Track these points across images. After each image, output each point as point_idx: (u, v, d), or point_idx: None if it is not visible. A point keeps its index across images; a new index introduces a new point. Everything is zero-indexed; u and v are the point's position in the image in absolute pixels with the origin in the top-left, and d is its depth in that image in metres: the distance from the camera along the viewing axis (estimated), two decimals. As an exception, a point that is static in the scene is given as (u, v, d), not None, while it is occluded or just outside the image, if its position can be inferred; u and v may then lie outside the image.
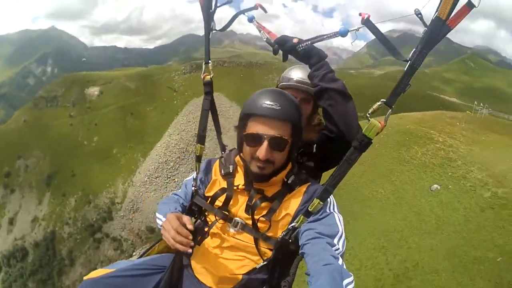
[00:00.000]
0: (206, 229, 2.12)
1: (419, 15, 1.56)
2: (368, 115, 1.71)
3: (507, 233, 14.67)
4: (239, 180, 2.07)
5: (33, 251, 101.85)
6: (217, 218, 2.05)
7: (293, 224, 1.87)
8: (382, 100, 1.66)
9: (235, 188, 2.04)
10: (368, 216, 22.00)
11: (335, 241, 1.71)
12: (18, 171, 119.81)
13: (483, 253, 13.90)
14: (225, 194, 2.05)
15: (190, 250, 1.77)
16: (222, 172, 2.13)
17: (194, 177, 2.28)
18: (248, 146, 1.91)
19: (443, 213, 19.05)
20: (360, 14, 1.76)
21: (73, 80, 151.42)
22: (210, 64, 2.54)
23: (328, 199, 1.87)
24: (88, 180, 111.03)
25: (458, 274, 13.35)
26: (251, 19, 2.41)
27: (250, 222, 1.96)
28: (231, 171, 2.10)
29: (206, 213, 2.20)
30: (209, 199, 2.13)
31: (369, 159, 28.71)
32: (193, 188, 2.21)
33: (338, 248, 1.68)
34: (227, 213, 2.03)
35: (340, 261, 1.59)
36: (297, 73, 2.53)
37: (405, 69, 1.58)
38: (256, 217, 1.93)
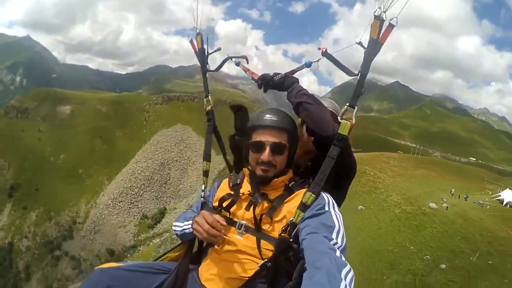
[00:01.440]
0: None
1: (359, 43, 2.02)
2: (339, 118, 2.12)
3: (404, 234, 25.49)
4: (245, 189, 2.26)
5: None
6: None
7: (291, 219, 1.97)
8: (346, 104, 2.12)
9: (240, 195, 2.24)
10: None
11: (333, 235, 1.79)
12: None
13: (385, 247, 24.47)
14: (230, 199, 2.24)
15: (220, 241, 2.06)
16: (230, 184, 2.37)
17: (203, 189, 2.52)
18: (253, 153, 2.19)
19: (363, 224, 29.68)
20: (319, 48, 2.24)
21: (46, 95, 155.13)
22: (209, 97, 2.91)
23: (326, 197, 2.04)
24: (52, 196, 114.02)
25: (364, 260, 23.49)
26: (237, 64, 2.82)
27: (253, 223, 2.10)
28: (238, 183, 2.34)
29: None
30: (217, 206, 2.31)
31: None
32: (201, 199, 2.47)
33: (336, 242, 1.75)
34: (232, 218, 2.20)
35: (338, 252, 1.65)
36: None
37: (358, 78, 2.07)
38: (258, 216, 2.08)
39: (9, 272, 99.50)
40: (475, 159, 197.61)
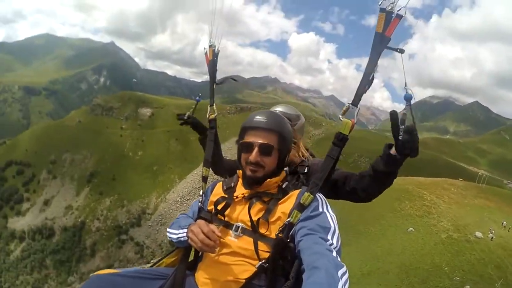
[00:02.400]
0: None
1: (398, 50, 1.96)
2: (340, 117, 2.05)
3: (443, 257, 28.61)
4: (239, 191, 2.26)
5: (59, 233, 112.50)
6: (217, 225, 2.15)
7: (288, 219, 1.96)
8: (348, 102, 2.03)
9: (234, 197, 2.22)
10: (359, 244, 31.82)
11: (329, 236, 1.81)
12: (63, 162, 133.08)
13: (422, 266, 27.78)
14: (224, 202, 2.23)
15: (214, 252, 2.00)
16: (224, 187, 2.37)
17: (201, 194, 2.53)
18: (243, 153, 2.21)
19: (409, 244, 32.48)
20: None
21: (130, 97, 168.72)
22: (214, 106, 3.00)
23: (320, 199, 2.04)
24: (126, 187, 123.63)
25: (400, 274, 26.89)
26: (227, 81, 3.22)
27: (249, 224, 2.08)
28: (232, 186, 2.33)
29: None
30: (212, 210, 2.30)
31: (367, 205, 38.23)
32: (199, 204, 2.43)
33: (332, 243, 1.77)
34: (227, 220, 2.19)
35: (334, 253, 1.67)
36: (280, 108, 3.05)
37: (363, 74, 1.99)
38: (254, 218, 2.05)
39: (76, 246, 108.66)
40: None
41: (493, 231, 37.35)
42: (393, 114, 1.99)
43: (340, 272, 1.51)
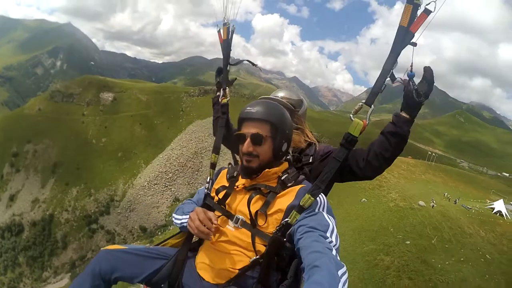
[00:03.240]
0: None
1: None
2: (351, 116, 1.99)
3: (390, 221, 32.59)
4: (241, 182, 2.28)
5: (29, 229, 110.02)
6: (219, 213, 2.21)
7: (286, 219, 1.95)
8: (362, 101, 1.96)
9: (235, 187, 2.26)
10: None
11: (328, 234, 1.79)
12: (26, 154, 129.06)
13: (372, 228, 31.77)
14: (225, 191, 2.27)
15: (210, 239, 2.08)
16: (228, 176, 2.40)
17: (208, 180, 2.53)
18: (239, 144, 2.22)
19: (362, 212, 37.38)
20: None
21: (91, 82, 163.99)
22: (227, 90, 2.90)
23: (320, 200, 2.01)
24: (92, 175, 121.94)
25: (354, 235, 30.34)
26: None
27: (248, 217, 2.09)
28: (235, 175, 2.35)
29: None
30: (215, 197, 2.36)
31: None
32: (205, 190, 2.48)
33: (332, 241, 1.76)
34: (228, 210, 2.22)
35: (334, 252, 1.67)
36: (282, 93, 2.97)
37: (381, 71, 1.89)
38: (252, 210, 2.07)
39: (47, 240, 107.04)
40: (500, 174, 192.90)
41: (434, 201, 41.84)
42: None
43: (340, 272, 1.50)
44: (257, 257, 1.99)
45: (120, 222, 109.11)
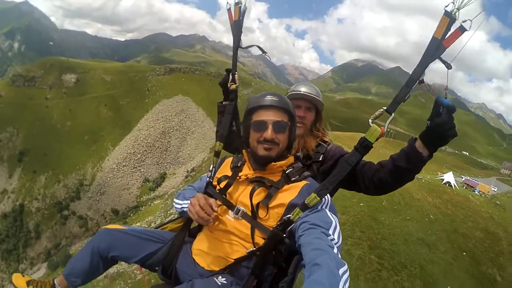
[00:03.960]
0: None
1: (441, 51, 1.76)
2: (370, 121, 1.98)
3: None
4: (244, 172, 2.25)
5: (0, 221, 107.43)
6: (219, 203, 2.16)
7: (289, 215, 1.93)
8: (383, 107, 1.95)
9: (238, 178, 2.22)
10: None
11: (330, 231, 1.77)
12: None
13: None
14: (227, 180, 2.25)
15: (209, 225, 2.07)
16: (231, 166, 2.36)
17: (211, 169, 2.46)
18: (254, 132, 2.14)
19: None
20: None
21: (52, 63, 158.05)
22: (236, 75, 2.77)
23: (324, 198, 1.97)
24: (60, 161, 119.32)
25: None
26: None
27: (249, 209, 2.08)
28: (239, 165, 2.32)
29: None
30: (216, 186, 2.31)
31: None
32: (208, 179, 2.41)
33: (334, 239, 1.74)
34: (229, 200, 2.19)
35: (335, 250, 1.64)
36: (304, 87, 2.83)
37: (408, 80, 1.90)
38: (254, 202, 2.05)
39: (20, 232, 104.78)
40: (458, 151, 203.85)
41: None
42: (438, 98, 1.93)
43: (341, 271, 1.48)
44: (254, 249, 1.99)
45: (91, 206, 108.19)
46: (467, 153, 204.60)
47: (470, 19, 1.65)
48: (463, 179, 55.20)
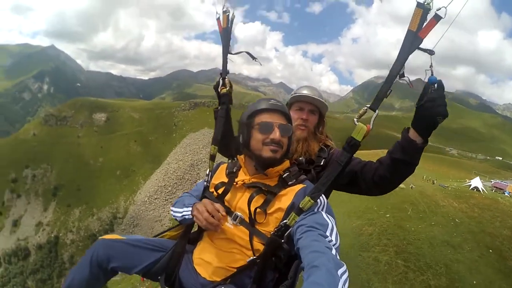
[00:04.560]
0: None
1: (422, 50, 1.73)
2: (355, 120, 1.91)
3: (373, 201, 33.22)
4: (240, 178, 2.19)
5: (35, 252, 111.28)
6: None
7: (285, 221, 1.89)
8: (367, 105, 1.88)
9: (234, 184, 2.17)
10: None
11: (327, 233, 1.73)
12: (25, 179, 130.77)
13: (358, 208, 32.79)
14: (223, 187, 2.19)
15: (218, 230, 1.99)
16: (227, 171, 2.29)
17: (207, 173, 2.40)
18: (260, 134, 2.07)
19: (348, 198, 38.98)
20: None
21: (82, 104, 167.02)
22: (226, 79, 2.69)
23: (320, 200, 1.94)
24: (93, 195, 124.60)
25: (346, 217, 35.57)
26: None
27: (247, 215, 2.03)
28: (234, 171, 2.25)
29: None
30: (213, 192, 2.26)
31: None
32: (205, 183, 2.36)
33: (331, 240, 1.70)
34: (227, 206, 2.13)
35: (334, 251, 1.60)
36: (307, 90, 2.75)
37: (387, 77, 1.82)
38: (252, 208, 2.00)
39: (54, 262, 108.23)
40: (490, 157, 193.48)
41: (413, 183, 42.82)
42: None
43: (340, 271, 1.44)
44: (255, 257, 1.96)
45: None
46: (501, 158, 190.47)
47: (445, 6, 1.59)
48: (492, 182, 54.48)
